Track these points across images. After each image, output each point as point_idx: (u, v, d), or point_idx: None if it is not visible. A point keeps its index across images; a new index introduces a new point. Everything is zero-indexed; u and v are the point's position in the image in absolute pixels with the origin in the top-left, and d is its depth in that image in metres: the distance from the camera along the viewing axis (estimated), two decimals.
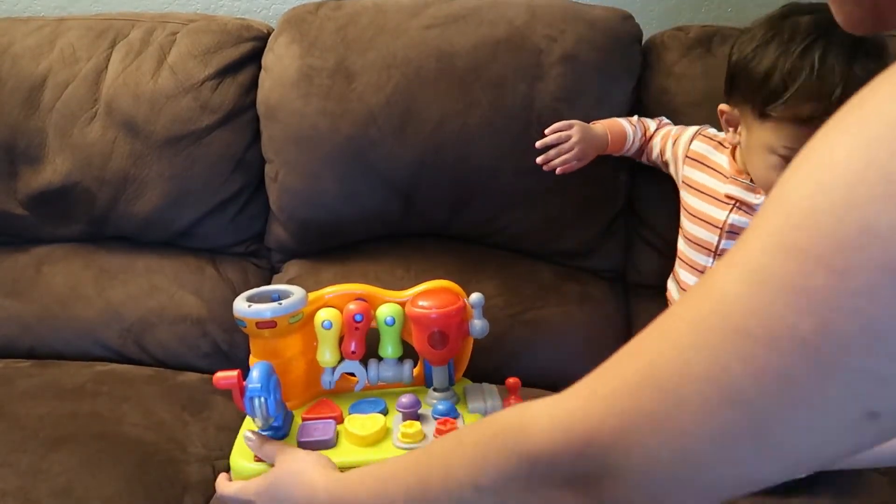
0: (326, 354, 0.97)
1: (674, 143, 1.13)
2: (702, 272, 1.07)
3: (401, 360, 1.00)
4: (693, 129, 1.12)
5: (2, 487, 0.97)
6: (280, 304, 0.94)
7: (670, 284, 1.14)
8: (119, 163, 1.28)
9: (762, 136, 0.94)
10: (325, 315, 0.96)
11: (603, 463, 0.41)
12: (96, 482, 0.99)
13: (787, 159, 0.93)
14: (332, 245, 1.32)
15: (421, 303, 0.97)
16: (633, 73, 1.24)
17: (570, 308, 1.24)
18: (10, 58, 1.32)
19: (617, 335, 1.25)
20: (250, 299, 0.98)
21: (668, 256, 1.20)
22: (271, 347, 0.97)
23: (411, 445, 0.87)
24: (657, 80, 1.23)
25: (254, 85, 1.29)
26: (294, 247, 1.33)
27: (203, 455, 1.08)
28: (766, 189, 1.01)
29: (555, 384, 0.99)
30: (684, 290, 1.09)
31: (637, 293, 1.29)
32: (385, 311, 0.98)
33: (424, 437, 0.89)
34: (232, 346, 1.28)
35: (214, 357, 1.27)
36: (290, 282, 1.29)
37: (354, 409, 0.96)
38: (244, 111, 1.29)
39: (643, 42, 1.27)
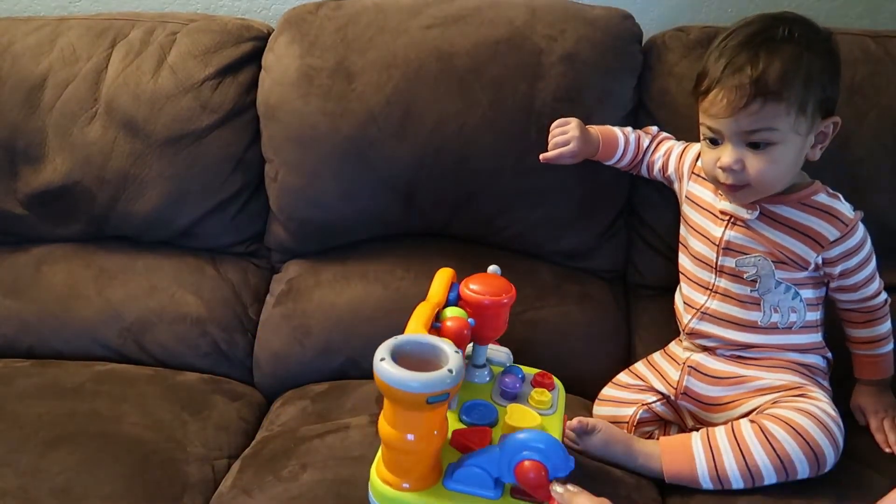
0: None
1: (678, 158, 1.14)
2: (706, 288, 1.07)
3: None
4: (700, 145, 1.12)
5: (1, 487, 0.97)
6: (451, 371, 0.76)
7: (677, 299, 1.14)
8: (119, 162, 1.28)
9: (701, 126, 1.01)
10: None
11: None
12: (95, 481, 0.99)
13: (709, 140, 1.00)
14: (332, 245, 1.32)
15: (474, 287, 0.95)
16: (634, 72, 1.24)
17: (570, 308, 1.24)
18: (10, 57, 1.32)
19: (617, 336, 1.25)
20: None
21: (668, 257, 1.20)
22: (431, 418, 0.80)
23: (545, 411, 0.92)
24: (658, 80, 1.23)
25: (254, 85, 1.29)
26: (294, 246, 1.33)
27: (202, 455, 1.08)
28: (708, 176, 1.03)
29: None
30: (690, 306, 1.09)
31: (637, 294, 1.29)
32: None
33: (552, 405, 0.94)
34: (231, 346, 1.28)
35: (214, 357, 1.27)
36: (289, 282, 1.29)
37: (468, 415, 0.91)
38: (244, 111, 1.29)
39: (644, 43, 1.27)
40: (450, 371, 0.75)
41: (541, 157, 1.13)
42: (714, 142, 0.99)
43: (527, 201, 1.24)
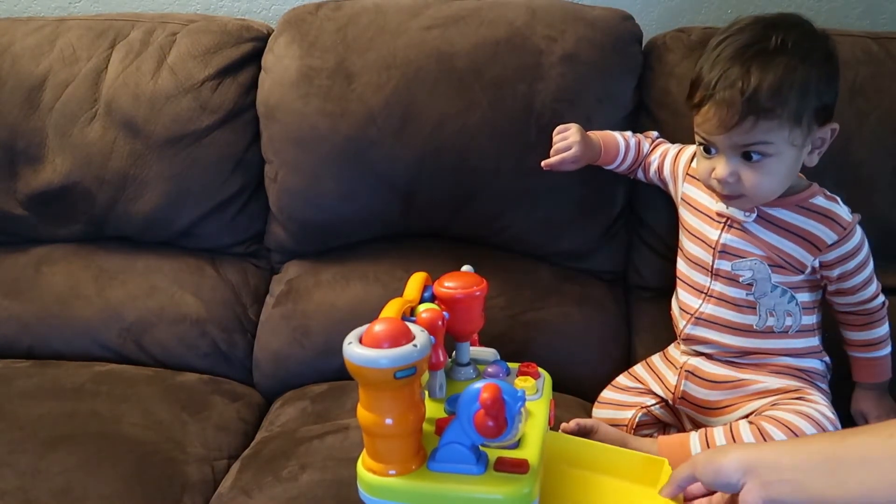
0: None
1: (673, 160, 1.13)
2: (701, 292, 1.06)
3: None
4: (694, 146, 1.11)
5: (1, 487, 0.97)
6: (415, 346, 0.77)
7: (673, 305, 1.14)
8: (119, 163, 1.28)
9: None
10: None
11: None
12: (95, 482, 0.99)
13: (704, 148, 0.98)
14: (332, 245, 1.32)
15: (447, 283, 0.95)
16: (634, 73, 1.24)
17: (570, 309, 1.24)
18: (10, 58, 1.32)
19: (617, 337, 1.25)
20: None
21: (668, 259, 1.20)
22: (404, 397, 0.80)
23: (530, 397, 0.90)
24: (659, 81, 1.23)
25: (254, 85, 1.29)
26: (294, 247, 1.33)
27: (202, 455, 1.08)
28: (703, 182, 1.02)
29: (553, 385, 1.00)
30: (685, 311, 1.08)
31: (637, 295, 1.29)
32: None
33: (536, 390, 0.92)
34: (231, 347, 1.28)
35: (214, 357, 1.27)
36: (289, 282, 1.29)
37: (452, 405, 0.90)
38: (244, 111, 1.29)
39: (644, 43, 1.27)
40: (414, 346, 0.77)
41: (543, 164, 1.12)
42: (708, 150, 0.98)
43: (527, 202, 1.24)
